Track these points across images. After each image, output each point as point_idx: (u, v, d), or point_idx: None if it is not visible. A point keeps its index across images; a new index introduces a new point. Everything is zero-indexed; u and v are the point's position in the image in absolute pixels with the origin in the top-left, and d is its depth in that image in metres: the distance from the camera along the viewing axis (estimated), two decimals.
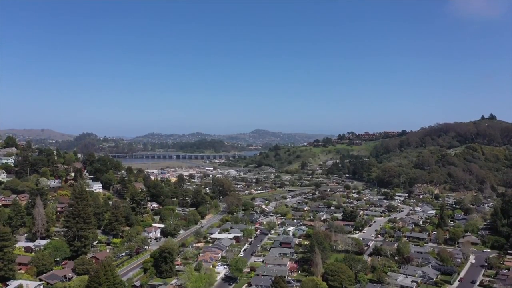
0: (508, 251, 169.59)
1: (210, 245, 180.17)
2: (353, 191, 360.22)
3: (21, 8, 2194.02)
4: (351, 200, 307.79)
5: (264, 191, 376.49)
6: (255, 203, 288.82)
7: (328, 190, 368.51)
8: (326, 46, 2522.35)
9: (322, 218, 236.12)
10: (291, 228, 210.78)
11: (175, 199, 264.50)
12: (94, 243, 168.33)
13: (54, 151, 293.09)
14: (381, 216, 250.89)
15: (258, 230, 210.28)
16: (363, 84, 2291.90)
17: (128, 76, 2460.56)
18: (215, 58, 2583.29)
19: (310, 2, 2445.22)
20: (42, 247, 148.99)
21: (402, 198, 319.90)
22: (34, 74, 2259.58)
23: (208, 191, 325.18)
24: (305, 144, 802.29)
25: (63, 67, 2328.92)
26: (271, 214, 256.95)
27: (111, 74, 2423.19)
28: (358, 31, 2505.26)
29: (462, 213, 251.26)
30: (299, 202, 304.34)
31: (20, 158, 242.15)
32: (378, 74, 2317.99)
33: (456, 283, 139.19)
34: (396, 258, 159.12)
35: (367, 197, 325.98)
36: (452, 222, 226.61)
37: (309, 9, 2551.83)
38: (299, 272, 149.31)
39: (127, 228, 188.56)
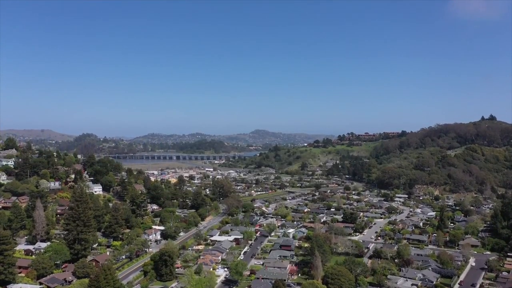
0: (508, 254, 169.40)
1: (210, 247, 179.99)
2: (353, 192, 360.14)
3: (21, 8, 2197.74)
4: (351, 202, 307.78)
5: (264, 192, 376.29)
6: (255, 205, 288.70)
7: (328, 191, 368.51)
8: (326, 46, 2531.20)
9: (322, 220, 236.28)
10: (291, 230, 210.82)
11: (175, 201, 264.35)
12: (94, 245, 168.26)
13: (54, 153, 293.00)
14: (381, 218, 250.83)
15: (258, 232, 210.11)
16: (362, 85, 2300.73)
17: (128, 76, 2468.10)
18: (215, 58, 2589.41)
19: (310, 2, 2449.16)
20: (42, 250, 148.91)
21: (402, 200, 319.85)
22: (34, 74, 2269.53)
23: (208, 192, 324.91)
24: (305, 144, 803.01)
25: (63, 67, 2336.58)
26: (271, 216, 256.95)
27: (111, 75, 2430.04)
28: (358, 31, 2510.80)
29: (462, 214, 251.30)
30: (299, 204, 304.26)
31: (20, 160, 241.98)
32: (378, 74, 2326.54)
33: (456, 286, 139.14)
34: (396, 260, 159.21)
35: (367, 199, 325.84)
36: (452, 224, 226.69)
37: (309, 9, 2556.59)
38: (299, 275, 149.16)
39: (127, 230, 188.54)
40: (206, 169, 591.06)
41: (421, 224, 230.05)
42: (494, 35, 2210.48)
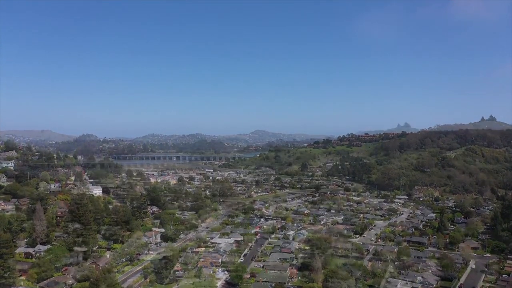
0: (509, 256, 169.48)
1: (210, 250, 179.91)
2: (353, 193, 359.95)
3: (21, 8, 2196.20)
4: (351, 203, 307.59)
5: (264, 193, 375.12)
6: (255, 206, 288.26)
7: (328, 192, 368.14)
8: (326, 46, 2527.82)
9: (322, 222, 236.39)
10: (291, 233, 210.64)
11: (175, 202, 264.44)
12: (94, 248, 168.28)
13: (54, 155, 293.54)
14: (381, 220, 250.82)
15: (258, 234, 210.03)
16: (362, 85, 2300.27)
17: (128, 77, 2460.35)
18: (215, 59, 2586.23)
19: (309, 2, 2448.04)
20: (42, 253, 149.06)
21: (402, 201, 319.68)
22: (34, 75, 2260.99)
23: (208, 194, 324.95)
24: (305, 145, 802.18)
25: (63, 68, 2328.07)
26: (271, 217, 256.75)
27: (111, 75, 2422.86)
28: (358, 31, 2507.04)
29: (462, 216, 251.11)
30: (299, 205, 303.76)
31: (20, 162, 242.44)
32: (378, 74, 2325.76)
33: None
34: (396, 263, 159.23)
35: (367, 200, 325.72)
36: (452, 226, 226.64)
37: (308, 9, 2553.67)
38: (300, 278, 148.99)
39: (127, 233, 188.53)
40: (206, 170, 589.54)
41: (421, 226, 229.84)
42: (494, 35, 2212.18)
